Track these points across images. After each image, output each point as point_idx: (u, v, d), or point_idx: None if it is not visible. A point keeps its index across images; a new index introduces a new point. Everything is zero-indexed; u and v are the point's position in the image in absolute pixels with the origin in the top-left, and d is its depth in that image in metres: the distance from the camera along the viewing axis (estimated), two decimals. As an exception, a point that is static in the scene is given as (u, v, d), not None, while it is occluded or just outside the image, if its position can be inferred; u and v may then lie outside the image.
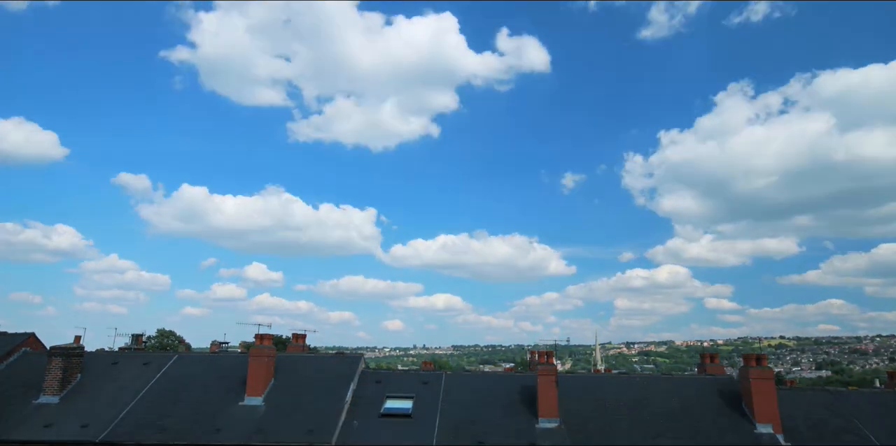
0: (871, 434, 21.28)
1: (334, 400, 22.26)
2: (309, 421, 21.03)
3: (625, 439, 20.69)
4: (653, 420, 21.70)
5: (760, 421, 21.24)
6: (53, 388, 22.56)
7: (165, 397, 22.47)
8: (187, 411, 21.63)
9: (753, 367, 21.89)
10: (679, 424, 21.46)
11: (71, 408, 21.87)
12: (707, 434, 20.94)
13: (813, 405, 22.91)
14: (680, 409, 22.31)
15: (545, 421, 21.47)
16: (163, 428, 20.64)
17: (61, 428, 20.77)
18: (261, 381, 22.57)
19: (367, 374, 24.57)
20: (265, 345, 23.41)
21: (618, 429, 21.21)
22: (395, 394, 23.02)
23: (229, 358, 25.48)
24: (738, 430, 21.14)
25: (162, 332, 58.99)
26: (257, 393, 22.34)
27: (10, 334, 26.91)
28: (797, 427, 21.65)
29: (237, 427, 20.74)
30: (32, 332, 27.13)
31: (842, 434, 21.36)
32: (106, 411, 21.61)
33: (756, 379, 21.65)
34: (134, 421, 21.07)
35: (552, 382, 21.88)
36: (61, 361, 22.94)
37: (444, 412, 22.05)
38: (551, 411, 21.59)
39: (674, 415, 21.95)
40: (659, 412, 22.14)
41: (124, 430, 20.56)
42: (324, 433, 20.42)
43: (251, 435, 20.30)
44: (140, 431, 20.49)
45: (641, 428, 21.27)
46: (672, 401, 22.75)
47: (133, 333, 31.38)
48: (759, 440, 20.73)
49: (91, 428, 20.70)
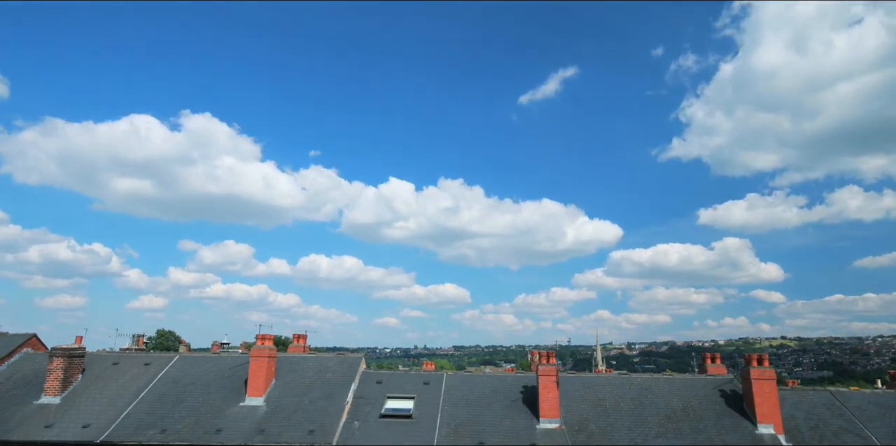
0: (872, 434, 21.26)
1: (335, 401, 22.27)
2: (310, 422, 21.04)
3: (625, 439, 20.69)
4: (653, 420, 21.70)
5: (761, 421, 21.24)
6: (54, 389, 22.60)
7: (166, 397, 22.49)
8: (188, 411, 21.65)
9: (754, 367, 21.89)
10: (680, 424, 21.46)
11: (72, 409, 21.89)
12: (708, 434, 20.93)
13: (814, 405, 22.90)
14: (681, 410, 22.31)
15: (546, 421, 21.47)
16: (164, 428, 20.66)
17: (62, 428, 20.79)
18: (262, 382, 22.59)
19: (367, 375, 24.59)
20: (266, 346, 23.43)
21: (618, 430, 21.20)
22: (396, 395, 23.03)
23: (230, 359, 25.50)
24: (739, 430, 21.13)
25: (162, 333, 59.15)
26: (258, 394, 22.36)
27: (12, 335, 27.00)
28: (798, 427, 21.64)
29: (238, 427, 20.76)
30: (34, 333, 27.22)
31: (843, 434, 21.34)
32: (107, 411, 21.64)
33: (757, 380, 21.66)
34: (135, 421, 21.09)
35: (553, 383, 21.89)
36: (62, 362, 22.98)
37: (445, 412, 22.06)
38: (552, 411, 21.59)
39: (675, 416, 21.95)
40: (660, 412, 22.15)
41: (125, 431, 20.58)
42: (325, 433, 20.43)
43: (252, 435, 20.31)
44: (141, 432, 20.51)
45: (642, 428, 21.27)
46: (673, 402, 22.75)
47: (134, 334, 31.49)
48: (760, 440, 20.72)
49: (92, 428, 20.72)
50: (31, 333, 27.16)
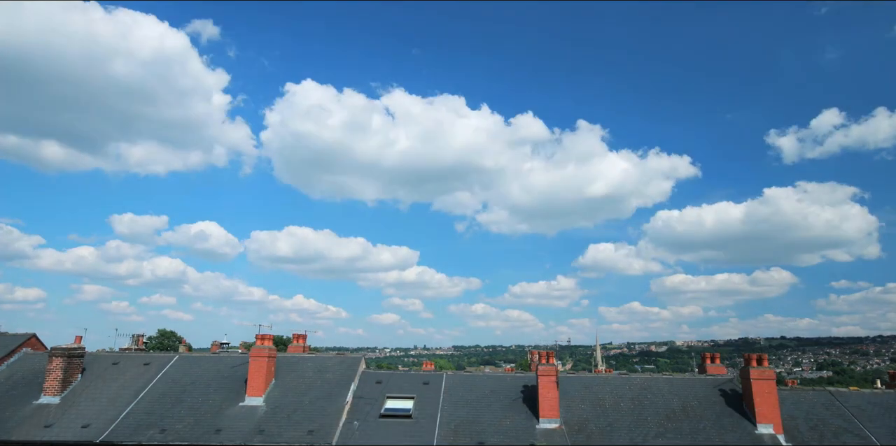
0: (871, 434, 21.25)
1: (335, 401, 22.26)
2: (309, 422, 21.03)
3: (625, 439, 20.68)
4: (653, 420, 21.70)
5: (761, 421, 21.24)
6: (54, 389, 22.59)
7: (166, 397, 22.48)
8: (188, 411, 21.64)
9: (754, 368, 21.88)
10: (680, 425, 21.45)
11: (71, 409, 21.88)
12: (707, 434, 20.93)
13: (814, 405, 22.89)
14: (680, 410, 22.30)
15: (546, 421, 21.46)
16: (163, 428, 20.65)
17: (62, 428, 20.78)
18: (261, 382, 22.58)
19: (367, 375, 24.58)
20: (266, 346, 23.41)
21: (618, 430, 21.19)
22: (396, 395, 23.02)
23: (230, 359, 25.49)
24: (739, 431, 21.13)
25: (162, 333, 59.13)
26: (258, 394, 22.35)
27: (11, 335, 26.98)
28: (798, 427, 21.63)
29: (238, 427, 20.74)
30: (34, 333, 27.20)
31: (842, 434, 21.33)
32: (106, 411, 21.63)
33: (757, 380, 21.66)
34: (134, 421, 21.08)
35: (552, 383, 21.88)
36: (62, 362, 22.96)
37: (445, 412, 22.05)
38: (552, 411, 21.58)
39: (674, 416, 21.94)
40: (659, 412, 22.14)
41: (125, 431, 20.57)
42: (324, 433, 20.42)
43: (252, 435, 20.30)
44: (140, 431, 20.49)
45: (642, 428, 21.26)
46: (673, 402, 22.74)
47: (134, 333, 31.52)
48: (759, 440, 20.71)
49: (92, 428, 20.71)
50: (31, 333, 27.16)
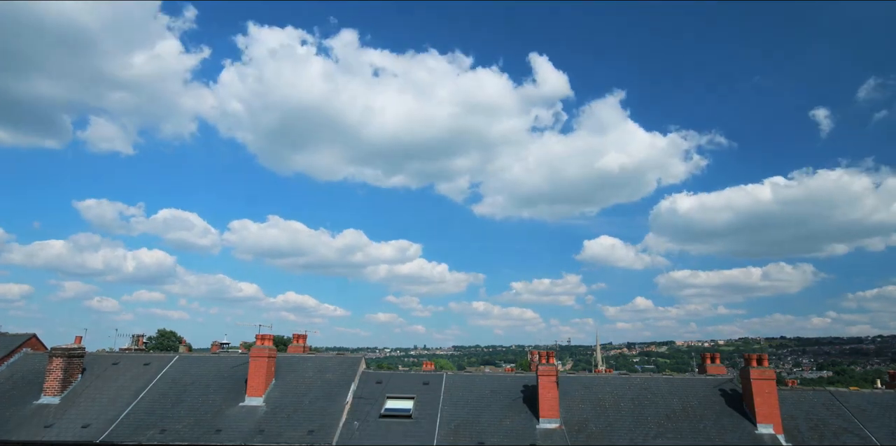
0: (871, 434, 21.25)
1: (335, 401, 22.26)
2: (309, 422, 21.02)
3: (625, 439, 20.67)
4: (653, 420, 21.69)
5: (761, 421, 21.23)
6: (54, 389, 22.58)
7: (166, 398, 22.48)
8: (188, 412, 21.63)
9: (754, 368, 21.87)
10: (680, 425, 21.45)
11: (71, 409, 21.87)
12: (708, 434, 20.92)
13: (814, 405, 22.89)
14: (680, 410, 22.29)
15: (546, 421, 21.45)
16: (163, 428, 20.64)
17: (62, 428, 20.77)
18: (261, 382, 22.57)
19: (367, 375, 24.57)
20: (266, 346, 23.41)
21: (618, 430, 21.19)
22: (396, 395, 23.02)
23: (230, 359, 25.49)
24: (739, 431, 21.12)
25: (162, 333, 59.18)
26: (258, 394, 22.34)
27: (12, 335, 26.97)
28: (798, 427, 21.62)
29: (238, 427, 20.74)
30: (34, 333, 27.19)
31: (842, 434, 21.33)
32: (106, 411, 21.62)
33: (757, 380, 21.65)
34: (134, 421, 21.07)
35: (553, 383, 21.87)
36: (62, 362, 22.96)
37: (445, 412, 22.04)
38: (552, 411, 21.58)
39: (674, 416, 21.94)
40: (659, 412, 22.14)
41: (125, 431, 20.56)
42: (324, 433, 20.41)
43: (252, 435, 20.29)
44: (140, 432, 20.49)
45: (642, 428, 21.25)
46: (673, 402, 22.74)
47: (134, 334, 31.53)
48: (759, 440, 20.71)
49: (91, 428, 20.71)
50: (31, 333, 27.15)
